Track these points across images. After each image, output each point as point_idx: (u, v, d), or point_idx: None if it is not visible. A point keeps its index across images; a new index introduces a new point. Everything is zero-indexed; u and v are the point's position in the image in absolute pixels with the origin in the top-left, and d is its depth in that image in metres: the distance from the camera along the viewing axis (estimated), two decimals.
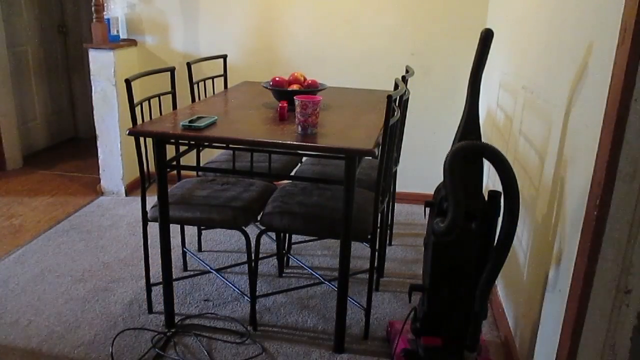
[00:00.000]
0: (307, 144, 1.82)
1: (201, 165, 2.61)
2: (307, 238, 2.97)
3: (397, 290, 2.51)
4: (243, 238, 2.05)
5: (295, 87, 2.36)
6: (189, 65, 2.65)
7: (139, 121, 2.14)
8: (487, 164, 2.43)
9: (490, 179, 2.73)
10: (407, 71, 2.57)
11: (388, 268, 2.71)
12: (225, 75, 3.00)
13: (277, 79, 2.39)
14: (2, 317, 2.19)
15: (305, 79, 2.42)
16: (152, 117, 2.23)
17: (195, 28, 3.49)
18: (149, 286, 2.24)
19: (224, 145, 2.39)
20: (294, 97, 1.90)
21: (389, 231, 2.94)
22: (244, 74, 3.30)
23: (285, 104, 2.11)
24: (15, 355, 1.97)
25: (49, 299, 2.33)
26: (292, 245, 2.86)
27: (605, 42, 1.29)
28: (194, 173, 2.51)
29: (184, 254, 2.66)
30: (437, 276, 1.74)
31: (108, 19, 3.37)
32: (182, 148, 2.26)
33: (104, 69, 3.31)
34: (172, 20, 3.49)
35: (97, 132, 3.45)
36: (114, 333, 2.11)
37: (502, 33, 2.71)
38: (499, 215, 1.63)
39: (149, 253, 2.22)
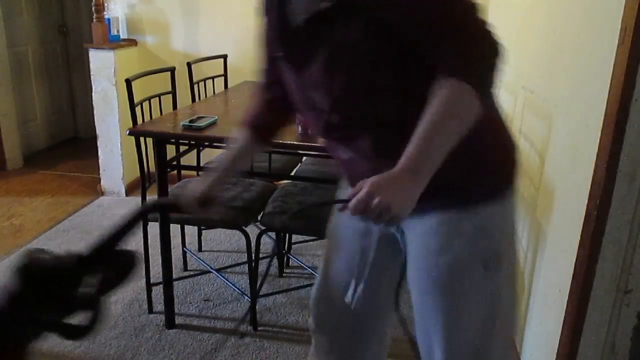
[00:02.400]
0: (307, 144, 1.82)
1: (201, 165, 2.61)
2: (307, 238, 2.97)
3: None
4: (243, 238, 2.05)
5: None
6: (189, 65, 2.65)
7: (139, 121, 2.14)
8: None
9: None
10: None
11: None
12: (225, 75, 3.00)
13: None
14: None
15: None
16: (152, 117, 2.23)
17: (195, 28, 3.49)
18: (149, 286, 2.24)
19: (224, 145, 2.39)
20: None
21: None
22: (244, 74, 3.30)
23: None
24: None
25: None
26: (292, 245, 2.86)
27: (605, 42, 1.29)
28: (195, 173, 2.51)
29: (184, 253, 2.66)
30: None
31: (108, 19, 3.37)
32: (183, 148, 2.26)
33: (104, 69, 3.31)
34: (172, 20, 3.49)
35: (97, 132, 3.45)
36: (114, 333, 2.11)
37: (502, 33, 2.71)
38: None
39: (149, 253, 2.22)
